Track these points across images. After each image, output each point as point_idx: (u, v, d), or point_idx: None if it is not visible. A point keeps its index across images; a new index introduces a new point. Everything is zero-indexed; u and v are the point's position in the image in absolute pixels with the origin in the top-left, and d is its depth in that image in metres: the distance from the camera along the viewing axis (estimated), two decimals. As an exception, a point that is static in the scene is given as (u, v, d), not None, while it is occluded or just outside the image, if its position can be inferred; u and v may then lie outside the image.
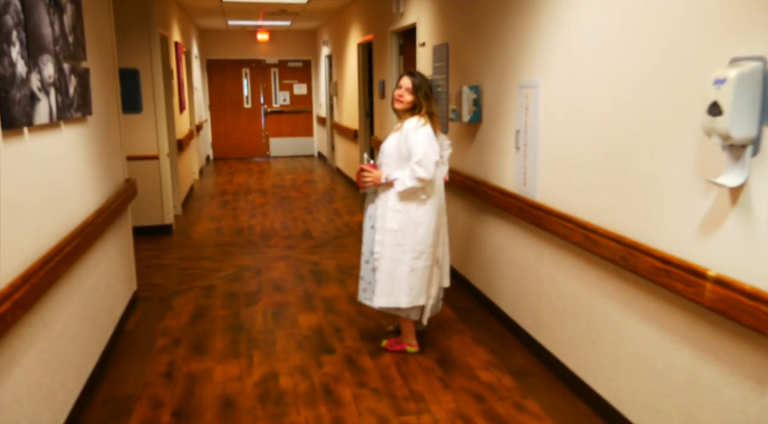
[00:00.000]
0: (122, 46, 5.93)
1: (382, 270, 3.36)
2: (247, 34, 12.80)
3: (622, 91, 2.57)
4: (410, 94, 3.32)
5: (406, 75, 3.38)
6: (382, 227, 3.36)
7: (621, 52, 2.57)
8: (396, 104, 3.36)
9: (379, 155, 3.46)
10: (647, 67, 2.40)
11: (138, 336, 3.84)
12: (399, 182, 3.27)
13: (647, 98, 2.41)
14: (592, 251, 2.77)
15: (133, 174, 6.15)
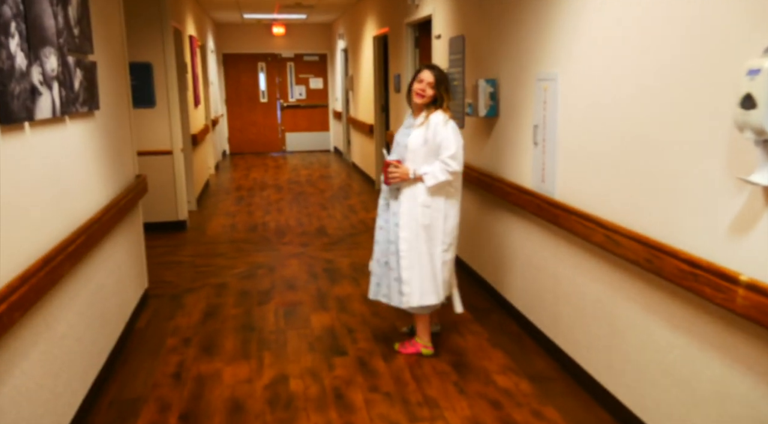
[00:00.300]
0: (135, 39, 5.89)
1: (413, 268, 3.28)
2: (263, 28, 12.73)
3: (646, 83, 2.43)
4: (431, 89, 3.28)
5: (427, 69, 3.32)
6: (408, 223, 3.28)
7: (644, 42, 2.43)
8: (417, 98, 3.30)
9: (395, 150, 3.38)
10: (673, 57, 2.27)
11: (148, 335, 3.78)
12: (430, 176, 3.22)
13: (673, 90, 2.28)
14: (613, 252, 2.64)
15: (146, 170, 6.12)
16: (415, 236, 3.28)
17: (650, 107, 2.42)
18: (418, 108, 3.34)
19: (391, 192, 3.37)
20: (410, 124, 3.37)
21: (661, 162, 2.36)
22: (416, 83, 3.30)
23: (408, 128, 3.36)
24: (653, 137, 2.41)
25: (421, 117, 3.31)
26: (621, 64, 2.61)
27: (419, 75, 3.32)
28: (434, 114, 3.27)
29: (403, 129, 3.42)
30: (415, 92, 3.30)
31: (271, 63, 13.06)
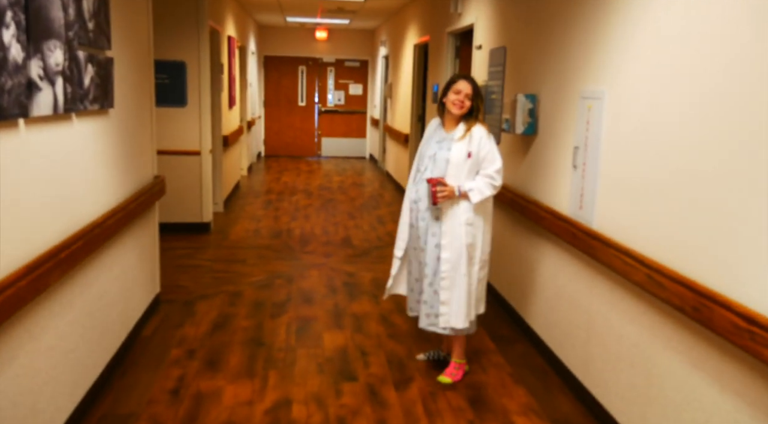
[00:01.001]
0: (169, 37, 5.82)
1: (457, 289, 3.16)
2: (306, 32, 12.66)
3: (702, 109, 2.15)
4: (469, 100, 3.15)
5: (465, 80, 3.18)
6: (451, 243, 3.15)
7: (704, 64, 2.15)
8: (455, 109, 3.15)
9: (430, 166, 3.20)
10: (737, 82, 1.98)
11: (153, 344, 3.62)
12: (476, 192, 3.11)
13: (732, 118, 1.99)
14: (656, 294, 2.35)
15: (173, 170, 6.04)
16: (458, 256, 3.15)
17: (707, 135, 2.13)
18: (454, 120, 3.20)
19: (431, 211, 3.19)
20: (444, 138, 3.20)
21: (716, 198, 2.07)
22: (452, 94, 3.15)
23: (441, 142, 3.20)
24: (709, 169, 2.12)
25: (459, 130, 3.16)
26: (675, 86, 2.33)
27: (455, 85, 3.17)
28: (476, 127, 3.14)
29: (433, 143, 3.24)
30: (452, 103, 3.15)
31: (312, 67, 12.97)
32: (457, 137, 3.14)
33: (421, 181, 3.23)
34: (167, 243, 5.72)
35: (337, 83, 13.10)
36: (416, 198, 3.26)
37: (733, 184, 2.00)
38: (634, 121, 2.63)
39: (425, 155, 3.24)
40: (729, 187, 2.01)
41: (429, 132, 3.32)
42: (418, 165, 3.29)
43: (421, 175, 3.24)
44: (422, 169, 3.24)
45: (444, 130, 3.24)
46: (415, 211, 3.27)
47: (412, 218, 3.30)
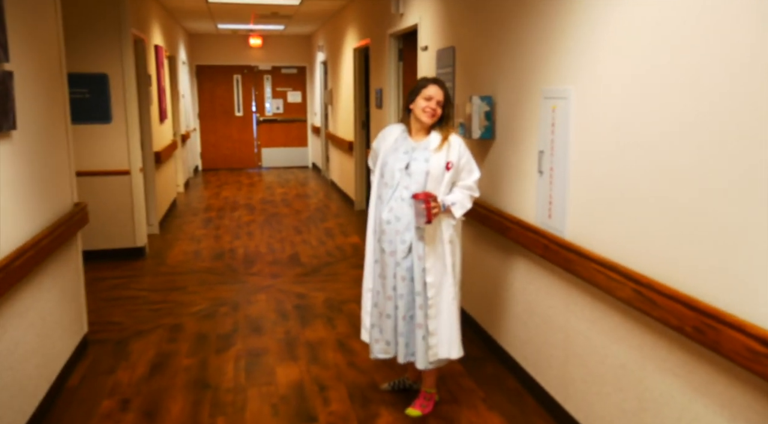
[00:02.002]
0: (88, 48, 5.33)
1: (446, 315, 2.87)
2: (239, 39, 12.19)
3: (693, 104, 1.93)
4: (441, 108, 2.88)
5: (435, 85, 2.88)
6: (434, 265, 2.84)
7: (692, 51, 1.93)
8: (426, 118, 2.85)
9: (402, 180, 2.85)
10: (730, 72, 1.76)
11: (80, 396, 3.17)
12: (458, 207, 2.86)
13: (729, 115, 1.77)
14: (647, 312, 2.12)
15: (101, 192, 5.54)
16: (440, 279, 2.86)
17: (699, 134, 1.91)
18: (423, 128, 2.91)
19: (416, 232, 2.84)
20: (413, 147, 2.88)
21: (718, 205, 1.85)
22: (422, 100, 2.85)
23: (412, 152, 2.87)
24: (705, 173, 1.90)
25: (434, 139, 2.87)
26: (657, 79, 2.10)
27: (425, 91, 2.86)
28: (453, 136, 2.87)
29: (401, 154, 2.89)
30: (422, 110, 2.85)
31: (248, 75, 12.50)
32: (433, 147, 2.84)
33: (396, 199, 2.86)
34: (97, 272, 5.23)
35: (274, 91, 12.67)
36: (389, 218, 2.87)
37: (739, 192, 1.77)
38: (609, 120, 2.40)
39: (394, 168, 2.88)
40: (733, 196, 1.79)
41: (390, 140, 2.96)
42: (385, 180, 2.91)
43: (392, 191, 2.87)
44: (393, 184, 2.87)
45: (412, 140, 2.92)
46: (389, 232, 2.87)
47: (383, 241, 2.90)
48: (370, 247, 2.99)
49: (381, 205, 2.92)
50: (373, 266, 2.97)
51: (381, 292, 2.94)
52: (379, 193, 2.95)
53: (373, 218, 2.99)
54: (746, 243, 1.74)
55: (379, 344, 2.96)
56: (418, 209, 2.73)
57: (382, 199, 2.92)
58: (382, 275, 2.92)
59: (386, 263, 2.90)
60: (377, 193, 2.96)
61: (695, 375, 1.98)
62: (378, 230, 2.93)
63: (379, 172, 2.95)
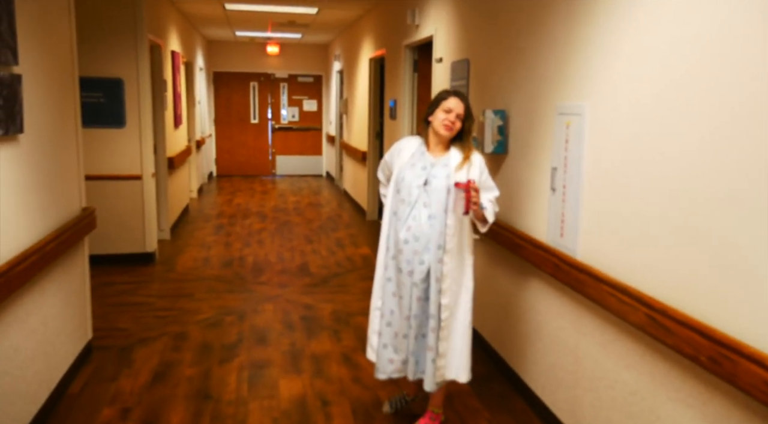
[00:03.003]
0: (104, 53, 5.36)
1: (457, 338, 2.79)
2: (257, 47, 12.24)
3: (710, 123, 1.86)
4: (461, 121, 2.77)
5: (456, 97, 2.77)
6: (450, 287, 2.73)
7: (708, 70, 1.86)
8: (445, 131, 2.74)
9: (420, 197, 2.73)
10: (748, 91, 1.69)
11: (81, 403, 3.14)
12: (490, 212, 2.79)
13: (747, 135, 1.70)
14: (661, 339, 2.04)
15: (112, 196, 5.54)
16: (456, 301, 2.77)
17: (720, 155, 1.84)
18: (441, 143, 2.79)
19: (434, 252, 2.70)
20: (432, 163, 2.76)
21: (739, 229, 1.77)
22: (442, 113, 2.73)
23: (431, 168, 2.75)
24: (726, 196, 1.82)
25: (454, 156, 2.76)
26: (673, 99, 2.03)
27: (445, 103, 2.75)
28: (475, 153, 2.78)
29: (419, 170, 2.76)
30: (441, 123, 2.73)
31: (264, 83, 12.54)
32: (455, 164, 2.73)
33: (414, 218, 2.71)
34: (106, 277, 5.22)
35: (290, 99, 12.69)
36: (407, 238, 2.72)
37: (759, 211, 1.70)
38: (623, 138, 2.33)
39: (412, 184, 2.74)
40: (753, 215, 1.71)
41: (407, 154, 2.83)
42: (402, 196, 2.76)
43: (410, 208, 2.73)
44: (411, 201, 2.73)
45: (430, 155, 2.80)
46: (406, 253, 2.73)
47: (400, 261, 2.76)
48: (381, 264, 2.87)
49: (397, 223, 2.78)
50: (384, 284, 2.85)
51: (396, 312, 2.81)
52: (395, 209, 2.81)
53: (386, 234, 2.86)
54: (766, 270, 1.66)
55: (394, 364, 2.84)
56: (458, 198, 2.62)
57: (399, 216, 2.78)
58: (398, 294, 2.80)
59: (403, 283, 2.77)
60: (392, 209, 2.83)
61: (709, 407, 1.90)
62: (393, 249, 2.80)
63: (395, 187, 2.81)
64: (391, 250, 2.81)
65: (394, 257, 2.79)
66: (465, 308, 2.79)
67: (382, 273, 2.86)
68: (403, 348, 2.82)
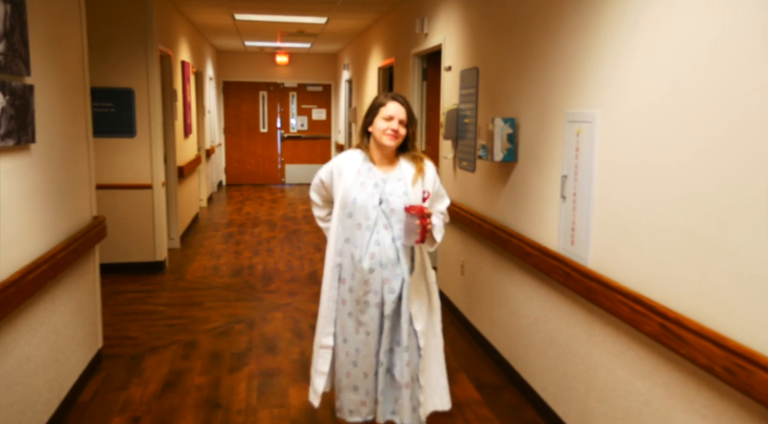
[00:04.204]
0: (115, 63, 5.40)
1: (433, 365, 2.61)
2: (266, 56, 12.31)
3: (723, 131, 1.84)
4: (404, 127, 2.51)
5: (396, 101, 2.51)
6: (419, 310, 2.53)
7: (720, 77, 1.85)
8: (389, 140, 2.47)
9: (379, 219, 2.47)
10: (762, 99, 1.68)
11: (91, 412, 3.14)
12: (438, 231, 2.56)
13: (760, 142, 1.68)
14: (674, 349, 2.01)
15: (122, 205, 5.57)
16: (425, 324, 2.56)
17: (735, 164, 1.82)
18: (387, 155, 2.54)
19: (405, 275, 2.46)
20: (383, 179, 2.50)
21: (753, 237, 1.75)
22: (383, 121, 2.47)
23: (383, 185, 2.49)
24: (741, 205, 1.80)
25: (406, 168, 2.53)
26: (686, 107, 2.02)
27: (384, 110, 2.48)
28: (427, 162, 2.58)
29: (370, 188, 2.47)
30: (383, 133, 2.47)
31: (273, 92, 12.60)
32: (410, 178, 2.50)
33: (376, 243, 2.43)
34: (116, 286, 5.24)
35: (299, 108, 12.74)
36: (371, 266, 2.43)
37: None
38: (635, 146, 2.32)
39: (367, 206, 2.45)
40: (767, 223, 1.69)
41: (351, 172, 2.52)
42: (356, 220, 2.46)
43: (370, 233, 2.44)
44: (369, 225, 2.45)
45: (378, 170, 2.52)
46: (374, 283, 2.45)
47: (365, 293, 2.46)
48: (331, 298, 2.54)
49: (353, 250, 2.47)
50: (343, 321, 2.52)
51: (360, 350, 2.51)
52: (347, 235, 2.49)
53: (335, 263, 2.52)
54: (782, 280, 1.64)
55: (366, 406, 2.55)
56: (411, 226, 2.37)
57: (355, 242, 2.47)
58: (365, 331, 2.50)
59: (371, 317, 2.48)
60: (344, 235, 2.50)
61: (725, 418, 1.87)
62: (351, 280, 2.48)
63: (344, 211, 2.49)
64: (348, 282, 2.50)
65: (351, 289, 2.49)
66: (436, 330, 2.62)
67: (335, 308, 2.54)
68: (372, 388, 2.54)
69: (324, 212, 2.77)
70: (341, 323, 2.53)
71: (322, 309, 2.59)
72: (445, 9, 4.86)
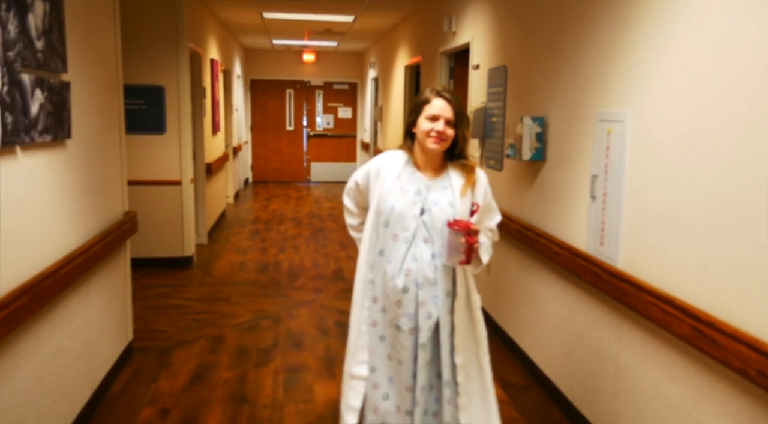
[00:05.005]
0: (146, 61, 5.48)
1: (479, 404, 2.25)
2: (293, 55, 12.39)
3: (760, 133, 1.81)
4: (452, 128, 2.17)
5: (441, 98, 2.17)
6: (462, 343, 2.18)
7: (757, 76, 1.82)
8: (433, 144, 2.15)
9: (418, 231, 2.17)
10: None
11: (122, 402, 3.20)
12: (485, 251, 2.24)
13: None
14: (706, 351, 1.99)
15: (152, 201, 5.65)
16: (470, 357, 2.24)
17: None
18: (433, 159, 2.22)
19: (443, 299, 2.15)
20: (427, 186, 2.20)
21: (786, 240, 1.72)
22: (427, 122, 2.16)
23: (426, 193, 2.19)
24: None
25: (455, 177, 2.22)
26: (722, 107, 1.99)
27: (428, 108, 2.16)
28: (479, 171, 2.27)
29: (411, 195, 2.17)
30: (427, 135, 2.15)
31: (300, 90, 12.68)
32: (459, 188, 2.19)
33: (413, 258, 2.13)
34: (146, 280, 5.32)
35: (325, 106, 12.80)
36: (406, 285, 2.13)
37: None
38: (667, 146, 2.29)
39: (407, 215, 2.14)
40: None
41: (391, 175, 2.22)
42: (393, 230, 2.16)
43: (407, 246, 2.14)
44: (407, 237, 2.14)
45: (422, 175, 2.22)
46: (407, 305, 2.13)
47: (397, 315, 2.15)
48: (363, 318, 2.24)
49: (387, 265, 2.16)
50: (375, 346, 2.23)
51: (395, 380, 2.21)
52: (381, 247, 2.19)
53: (367, 279, 2.24)
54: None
55: None
56: (455, 244, 2.07)
57: (389, 256, 2.16)
58: (396, 358, 2.19)
59: (403, 345, 2.16)
60: (377, 247, 2.21)
61: (759, 423, 1.84)
62: (384, 300, 2.19)
63: (379, 219, 2.19)
64: (380, 301, 2.20)
65: (384, 309, 2.20)
66: (483, 365, 2.25)
67: (368, 330, 2.24)
68: None
69: (357, 220, 2.48)
70: (371, 348, 2.23)
71: (352, 333, 2.30)
72: (474, 7, 4.84)
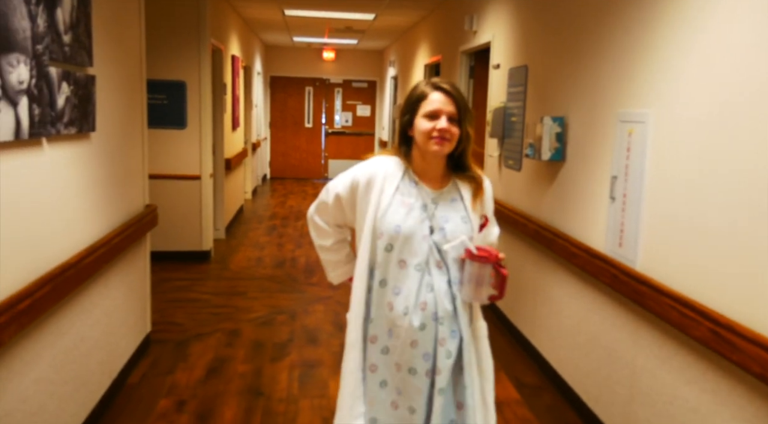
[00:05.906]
0: (169, 56, 5.54)
1: None
2: (313, 52, 12.43)
3: (787, 136, 1.79)
4: (456, 126, 1.80)
5: (440, 90, 1.80)
6: (472, 382, 1.83)
7: (787, 81, 1.80)
8: (435, 146, 1.77)
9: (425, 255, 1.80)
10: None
11: (140, 393, 3.25)
12: None
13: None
14: (724, 355, 1.97)
15: (172, 195, 5.71)
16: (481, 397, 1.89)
17: (792, 168, 1.77)
18: (435, 165, 1.85)
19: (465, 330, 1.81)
20: (434, 199, 1.84)
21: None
22: (426, 121, 1.79)
23: (430, 207, 1.82)
24: (795, 209, 1.75)
25: (463, 188, 1.87)
26: (745, 109, 1.97)
27: (425, 104, 1.79)
28: (485, 179, 1.94)
29: (417, 211, 1.80)
30: (427, 136, 1.78)
31: (319, 88, 12.72)
32: (468, 199, 1.86)
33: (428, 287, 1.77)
34: (164, 273, 5.38)
35: (344, 104, 12.83)
36: (423, 322, 1.77)
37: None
38: (688, 148, 2.27)
39: (415, 234, 1.77)
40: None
41: (389, 187, 1.82)
42: (400, 254, 1.78)
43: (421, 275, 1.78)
44: (419, 263, 1.78)
45: (426, 187, 1.85)
46: (422, 344, 1.78)
47: (411, 357, 1.79)
48: (358, 361, 1.85)
49: (394, 299, 1.80)
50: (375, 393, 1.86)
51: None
52: (383, 276, 1.81)
53: (359, 317, 1.85)
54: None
55: None
56: (480, 276, 1.73)
57: (394, 287, 1.80)
58: (404, 406, 1.84)
59: (416, 389, 1.81)
60: (377, 276, 1.82)
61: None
62: (388, 338, 1.83)
63: (378, 241, 1.81)
64: (380, 341, 1.84)
65: (387, 350, 1.84)
66: (487, 401, 1.92)
67: (364, 377, 1.87)
68: None
69: (330, 240, 2.02)
70: (370, 397, 1.86)
71: (345, 381, 1.88)
72: (495, 6, 4.82)
